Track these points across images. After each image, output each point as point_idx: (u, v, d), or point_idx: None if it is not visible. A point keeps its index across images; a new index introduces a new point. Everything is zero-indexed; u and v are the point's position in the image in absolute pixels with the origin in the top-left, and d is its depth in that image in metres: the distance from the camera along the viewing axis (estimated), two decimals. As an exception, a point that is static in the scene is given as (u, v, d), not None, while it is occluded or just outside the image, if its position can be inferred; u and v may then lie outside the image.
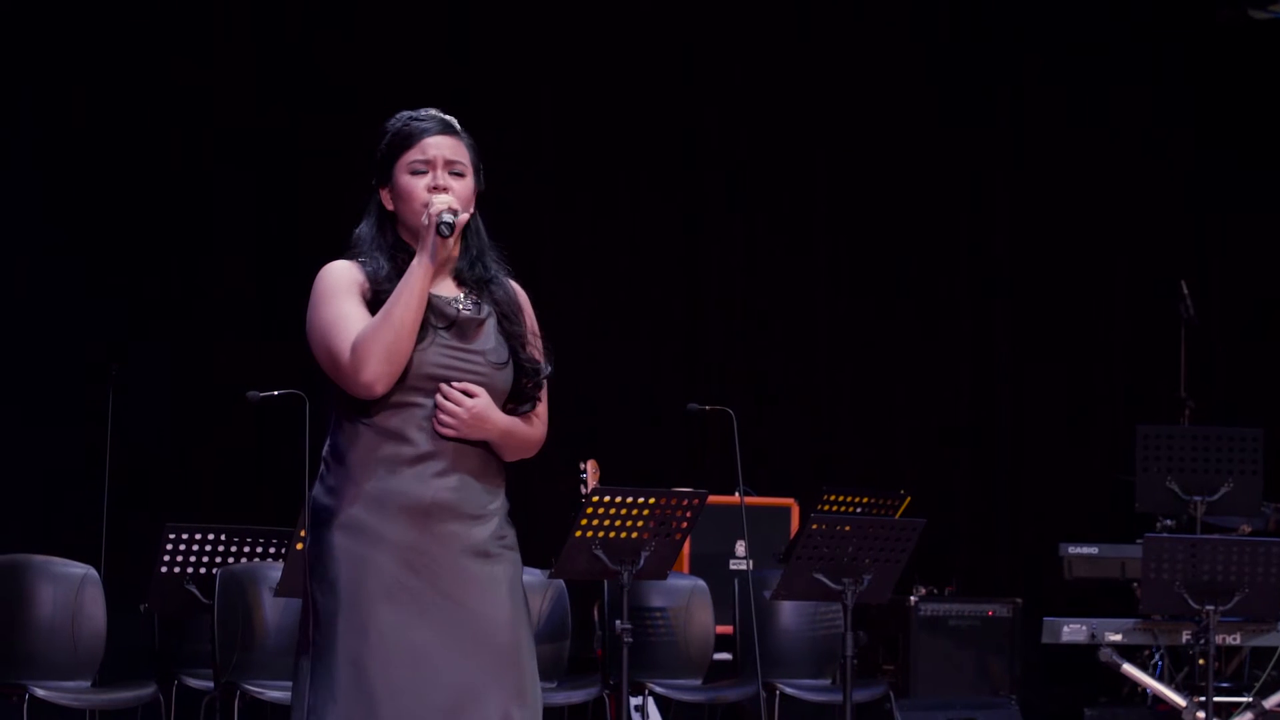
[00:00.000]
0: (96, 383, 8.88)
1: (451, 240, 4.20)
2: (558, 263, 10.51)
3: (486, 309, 4.28)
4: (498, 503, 4.27)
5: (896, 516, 8.90)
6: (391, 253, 4.27)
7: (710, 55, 11.16)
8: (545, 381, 4.35)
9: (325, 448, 4.26)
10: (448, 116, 4.33)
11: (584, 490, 7.87)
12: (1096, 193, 11.71)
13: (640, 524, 7.53)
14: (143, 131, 9.86)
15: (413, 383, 4.17)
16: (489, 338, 4.26)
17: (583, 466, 8.06)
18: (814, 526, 7.65)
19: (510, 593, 4.23)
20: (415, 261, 4.16)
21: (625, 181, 10.82)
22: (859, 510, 8.86)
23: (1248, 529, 9.78)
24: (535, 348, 4.33)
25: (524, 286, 4.45)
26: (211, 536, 7.89)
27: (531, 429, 4.33)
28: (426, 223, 4.18)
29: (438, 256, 4.17)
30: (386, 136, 4.29)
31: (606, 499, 7.50)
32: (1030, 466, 11.56)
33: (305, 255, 9.71)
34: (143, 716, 8.01)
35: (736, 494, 8.30)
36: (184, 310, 9.91)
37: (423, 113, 4.32)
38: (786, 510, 9.42)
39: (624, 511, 7.50)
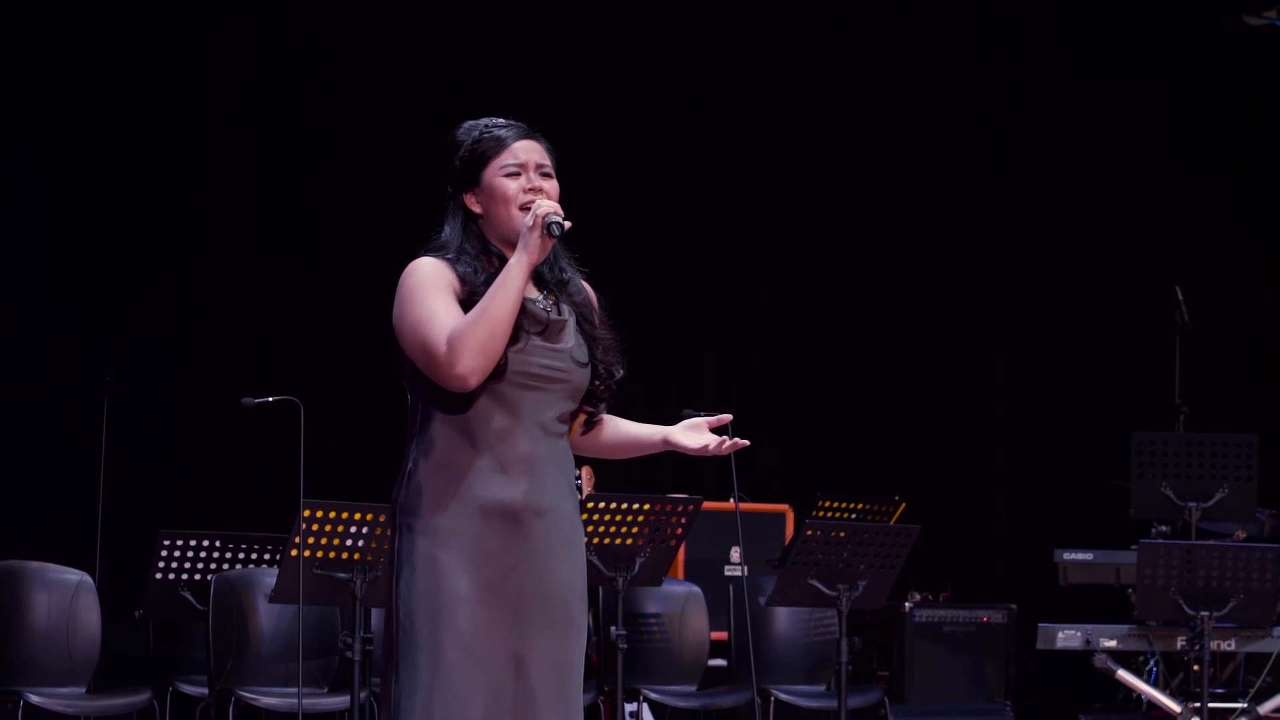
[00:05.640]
0: (91, 388, 8.87)
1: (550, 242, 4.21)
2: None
3: (566, 309, 4.34)
4: (575, 495, 4.44)
5: (891, 523, 8.91)
6: (481, 255, 4.28)
7: (710, 50, 11.15)
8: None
9: (412, 448, 4.24)
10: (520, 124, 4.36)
11: (579, 497, 7.86)
12: (1093, 197, 11.71)
13: (635, 530, 7.54)
14: (141, 135, 9.88)
15: (509, 384, 4.20)
16: (569, 337, 4.31)
17: (577, 473, 8.03)
18: (809, 532, 7.65)
19: (583, 582, 4.38)
20: (514, 260, 4.16)
21: (620, 186, 10.80)
22: (854, 516, 8.87)
23: (1242, 535, 9.78)
24: (608, 350, 4.40)
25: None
26: (206, 543, 7.90)
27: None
28: (531, 224, 4.17)
29: (537, 257, 4.18)
30: (467, 144, 4.30)
31: (601, 505, 7.50)
32: (1025, 473, 11.56)
33: (304, 261, 9.88)
34: (137, 722, 8.02)
35: (731, 500, 8.29)
36: (180, 316, 9.91)
37: (498, 120, 4.34)
38: (781, 516, 9.42)
39: (619, 518, 7.51)
